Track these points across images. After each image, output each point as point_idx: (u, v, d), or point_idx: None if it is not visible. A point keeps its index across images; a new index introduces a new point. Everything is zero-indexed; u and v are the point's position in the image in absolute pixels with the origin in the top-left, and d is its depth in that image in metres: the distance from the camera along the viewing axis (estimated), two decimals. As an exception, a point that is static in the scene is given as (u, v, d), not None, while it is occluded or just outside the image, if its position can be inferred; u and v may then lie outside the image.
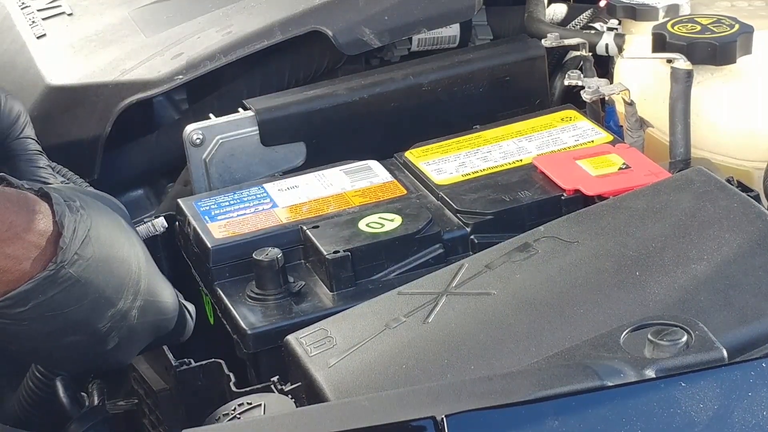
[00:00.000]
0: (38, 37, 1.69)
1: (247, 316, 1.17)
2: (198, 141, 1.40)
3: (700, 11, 1.52)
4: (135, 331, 1.04)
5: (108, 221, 1.01)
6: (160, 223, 1.29)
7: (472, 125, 1.44)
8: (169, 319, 1.08)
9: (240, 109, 1.47)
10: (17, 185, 0.99)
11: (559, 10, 1.76)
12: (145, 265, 1.04)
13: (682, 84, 1.35)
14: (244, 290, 1.20)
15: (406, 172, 1.36)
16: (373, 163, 1.37)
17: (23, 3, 1.80)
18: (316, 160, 1.42)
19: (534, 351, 0.97)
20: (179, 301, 1.12)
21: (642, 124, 1.39)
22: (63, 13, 1.75)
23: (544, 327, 1.00)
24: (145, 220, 1.39)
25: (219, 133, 1.42)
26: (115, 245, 1.00)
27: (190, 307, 1.15)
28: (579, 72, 1.44)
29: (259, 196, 1.32)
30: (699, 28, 1.40)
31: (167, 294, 1.08)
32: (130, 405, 1.38)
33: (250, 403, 1.02)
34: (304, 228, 1.24)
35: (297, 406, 1.03)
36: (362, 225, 1.23)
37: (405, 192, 1.31)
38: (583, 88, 1.42)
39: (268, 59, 1.58)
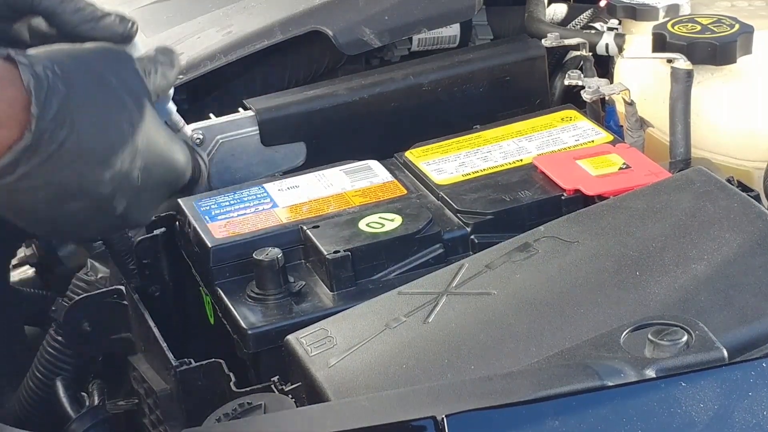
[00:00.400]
0: (38, 37, 1.68)
1: (248, 316, 1.17)
2: (198, 141, 1.40)
3: (700, 11, 1.52)
4: (144, 191, 1.01)
5: (94, 82, 0.98)
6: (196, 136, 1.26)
7: (472, 125, 1.44)
8: (181, 175, 1.05)
9: (240, 109, 1.47)
10: None
11: (559, 10, 1.76)
12: (143, 123, 1.01)
13: (682, 84, 1.35)
14: (245, 290, 1.20)
15: (406, 172, 1.36)
16: (374, 163, 1.37)
17: (23, 3, 1.79)
18: (316, 160, 1.42)
19: (534, 351, 0.97)
20: (191, 150, 1.07)
21: (642, 124, 1.39)
22: (63, 13, 1.74)
23: (545, 327, 1.00)
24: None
25: (219, 133, 1.42)
26: (103, 108, 0.97)
27: (204, 155, 1.12)
28: (579, 72, 1.44)
29: (259, 196, 1.32)
30: (699, 28, 1.40)
31: (175, 149, 1.05)
32: (130, 405, 1.38)
33: (251, 403, 1.02)
34: (305, 228, 1.24)
35: (297, 406, 1.03)
36: (362, 225, 1.23)
37: (405, 192, 1.31)
38: (583, 88, 1.42)
39: (268, 59, 1.58)
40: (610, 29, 1.58)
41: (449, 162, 1.35)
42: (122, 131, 0.97)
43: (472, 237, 1.23)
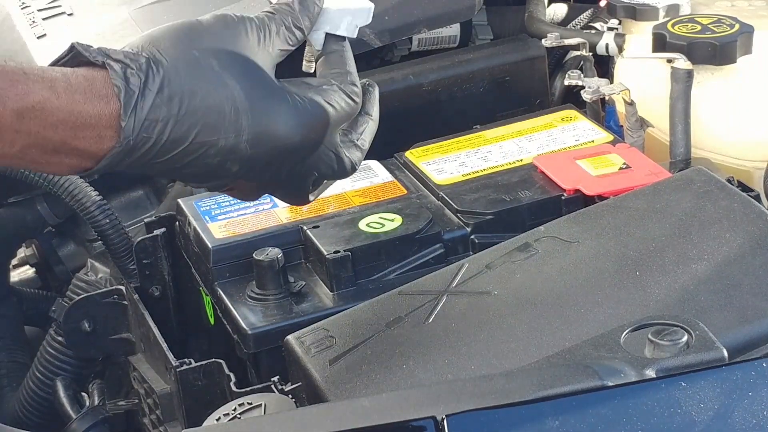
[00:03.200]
0: (38, 37, 1.68)
1: (248, 316, 1.17)
2: None
3: (701, 11, 1.51)
4: (256, 158, 1.00)
5: (190, 70, 0.98)
6: None
7: (472, 125, 1.44)
8: (297, 141, 1.01)
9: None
10: (83, 57, 0.96)
11: (559, 10, 1.76)
12: (245, 100, 0.99)
13: (682, 84, 1.35)
14: (245, 290, 1.20)
15: (407, 172, 1.36)
16: (374, 163, 1.37)
17: (23, 3, 1.80)
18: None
19: (534, 351, 0.97)
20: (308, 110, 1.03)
21: (642, 123, 1.39)
22: (63, 13, 1.74)
23: (545, 327, 1.00)
24: (145, 220, 1.39)
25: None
26: (201, 95, 0.97)
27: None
28: (579, 72, 1.44)
29: (259, 196, 1.32)
30: (699, 28, 1.40)
31: (288, 121, 1.01)
32: (130, 405, 1.38)
33: (251, 403, 1.02)
34: (305, 228, 1.24)
35: (297, 406, 1.03)
36: (362, 225, 1.23)
37: (405, 192, 1.31)
38: (583, 88, 1.42)
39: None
40: (610, 29, 1.58)
41: (449, 162, 1.35)
42: (223, 114, 0.98)
43: (472, 237, 1.23)
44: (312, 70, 1.09)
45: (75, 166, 0.97)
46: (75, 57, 0.97)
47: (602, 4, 1.68)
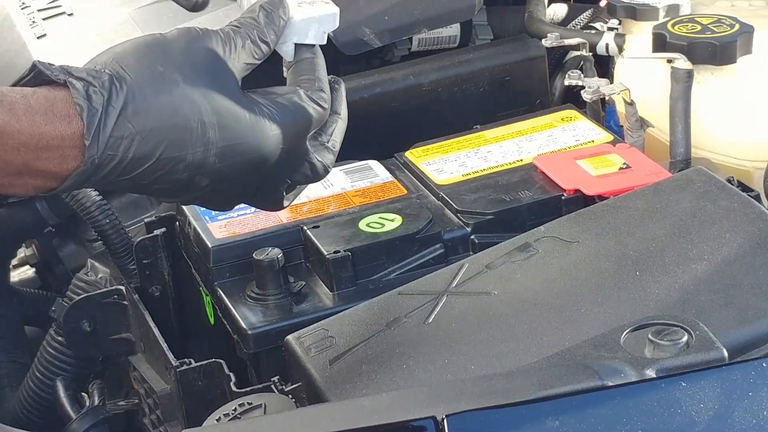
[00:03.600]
0: (38, 38, 1.68)
1: (248, 316, 1.17)
2: None
3: (701, 11, 1.51)
4: (225, 171, 1.00)
5: (154, 86, 0.97)
6: None
7: (472, 125, 1.44)
8: (266, 153, 1.01)
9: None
10: (45, 76, 0.96)
11: (559, 10, 1.75)
12: (212, 114, 0.99)
13: (682, 84, 1.35)
14: (245, 290, 1.20)
15: (407, 172, 1.36)
16: (374, 163, 1.37)
17: (23, 3, 1.80)
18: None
19: (534, 351, 0.97)
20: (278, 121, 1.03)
21: (642, 123, 1.39)
22: (63, 13, 1.75)
23: (545, 327, 1.00)
24: (145, 220, 1.39)
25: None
26: (164, 108, 0.96)
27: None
28: (579, 72, 1.44)
29: (259, 196, 1.32)
30: (699, 28, 1.40)
31: (257, 132, 1.01)
32: (130, 405, 1.38)
33: (251, 403, 1.02)
34: (305, 228, 1.24)
35: (297, 406, 1.03)
36: (363, 225, 1.23)
37: (405, 192, 1.31)
38: (583, 88, 1.42)
39: (267, 59, 1.57)
40: (610, 29, 1.58)
41: (449, 162, 1.35)
42: (189, 129, 0.97)
43: (473, 237, 1.23)
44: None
45: (39, 186, 0.96)
46: (37, 75, 0.96)
47: (602, 4, 1.68)
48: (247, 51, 1.03)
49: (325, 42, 1.08)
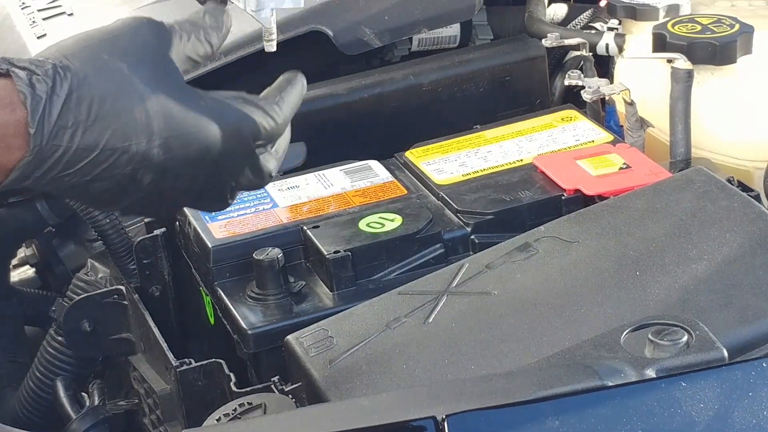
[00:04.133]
0: (38, 37, 1.68)
1: (248, 316, 1.17)
2: None
3: (701, 11, 1.51)
4: (169, 165, 0.99)
5: (99, 74, 0.97)
6: None
7: (472, 125, 1.44)
8: (211, 145, 1.00)
9: (240, 110, 1.46)
10: None
11: (559, 10, 1.75)
12: (155, 104, 0.98)
13: (682, 84, 1.35)
14: (245, 290, 1.20)
15: (407, 172, 1.36)
16: (374, 163, 1.37)
17: (23, 3, 1.80)
18: (316, 160, 1.42)
19: (534, 351, 0.97)
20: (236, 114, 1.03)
21: (642, 123, 1.39)
22: (63, 13, 1.74)
23: (545, 327, 1.00)
24: (145, 219, 1.39)
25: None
26: (111, 100, 0.96)
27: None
28: (579, 72, 1.44)
29: (259, 195, 1.32)
30: (699, 28, 1.40)
31: (202, 122, 1.01)
32: (130, 405, 1.38)
33: (251, 403, 1.02)
34: (305, 228, 1.24)
35: (297, 406, 1.03)
36: (363, 225, 1.23)
37: (405, 192, 1.31)
38: (583, 88, 1.42)
39: (268, 59, 1.57)
40: (610, 29, 1.58)
41: (449, 162, 1.35)
42: (133, 118, 0.97)
43: (473, 237, 1.23)
44: (273, 49, 1.10)
45: None
46: None
47: (602, 4, 1.68)
48: (191, 46, 1.04)
49: (302, 5, 1.10)
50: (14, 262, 1.73)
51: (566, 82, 1.45)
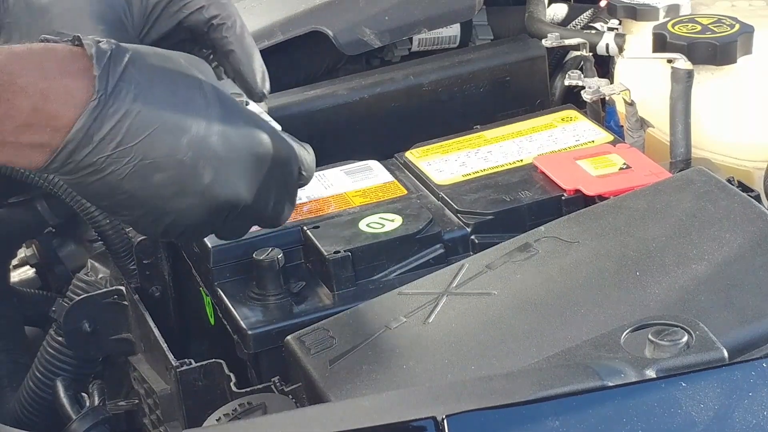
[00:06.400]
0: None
1: (248, 317, 1.17)
2: None
3: (701, 11, 1.51)
4: (230, 161, 0.98)
5: (158, 56, 0.98)
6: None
7: (472, 125, 1.44)
8: (267, 147, 1.01)
9: (240, 110, 1.46)
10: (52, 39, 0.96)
11: (559, 10, 1.75)
12: (213, 92, 0.99)
13: (682, 84, 1.35)
14: (245, 290, 1.20)
15: (407, 172, 1.36)
16: (374, 163, 1.37)
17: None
18: (316, 161, 1.42)
19: (534, 351, 0.97)
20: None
21: (642, 124, 1.39)
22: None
23: (545, 327, 1.00)
24: None
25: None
26: (170, 76, 0.96)
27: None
28: (579, 72, 1.44)
29: (259, 196, 1.32)
30: (699, 28, 1.40)
31: (255, 121, 1.02)
32: (130, 405, 1.38)
33: (251, 404, 1.02)
34: (305, 228, 1.24)
35: (297, 406, 1.03)
36: (363, 225, 1.23)
37: (405, 192, 1.31)
38: (583, 88, 1.42)
39: (268, 59, 1.57)
40: (611, 29, 1.58)
41: (449, 162, 1.35)
42: (192, 97, 0.97)
43: (473, 237, 1.23)
44: None
45: (45, 144, 0.93)
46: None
47: (602, 4, 1.68)
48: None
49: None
50: (14, 262, 1.73)
51: (566, 83, 1.45)
